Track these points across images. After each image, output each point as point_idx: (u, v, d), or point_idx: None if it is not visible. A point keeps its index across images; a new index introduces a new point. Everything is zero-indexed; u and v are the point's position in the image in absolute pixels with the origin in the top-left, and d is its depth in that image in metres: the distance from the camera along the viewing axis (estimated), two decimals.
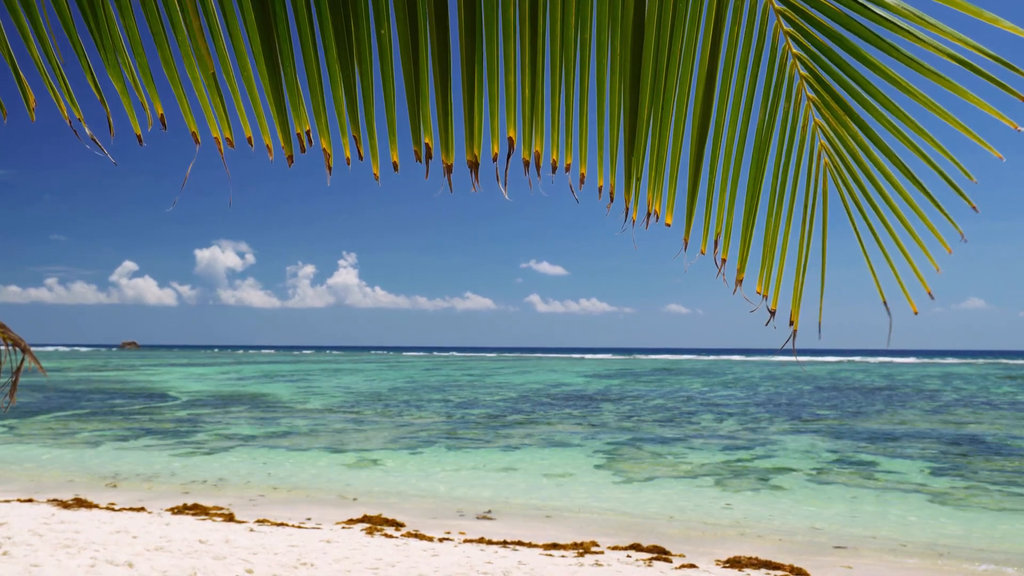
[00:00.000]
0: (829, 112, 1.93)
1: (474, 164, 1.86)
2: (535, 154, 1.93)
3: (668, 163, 2.01)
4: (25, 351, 2.38)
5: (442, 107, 1.82)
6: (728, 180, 2.05)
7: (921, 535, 9.53)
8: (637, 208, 2.02)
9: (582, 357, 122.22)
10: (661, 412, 25.23)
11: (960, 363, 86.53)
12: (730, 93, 1.96)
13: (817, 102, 1.94)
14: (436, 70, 1.78)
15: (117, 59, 1.85)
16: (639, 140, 1.95)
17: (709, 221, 2.07)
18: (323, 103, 1.84)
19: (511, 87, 1.84)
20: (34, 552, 7.26)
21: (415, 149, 1.84)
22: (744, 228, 2.07)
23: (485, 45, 1.78)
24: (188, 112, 1.88)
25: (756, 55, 1.91)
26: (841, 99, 1.89)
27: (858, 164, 1.94)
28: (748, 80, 1.95)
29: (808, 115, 1.97)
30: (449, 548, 8.36)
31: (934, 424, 21.71)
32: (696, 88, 1.93)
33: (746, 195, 2.05)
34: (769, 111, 1.98)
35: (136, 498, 11.35)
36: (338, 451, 16.39)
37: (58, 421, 21.97)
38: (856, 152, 1.93)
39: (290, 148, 1.87)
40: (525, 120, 1.89)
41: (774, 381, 44.50)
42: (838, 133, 1.94)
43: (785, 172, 2.04)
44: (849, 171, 1.97)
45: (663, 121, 1.95)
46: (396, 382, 43.65)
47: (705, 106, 1.95)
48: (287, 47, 1.78)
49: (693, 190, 2.03)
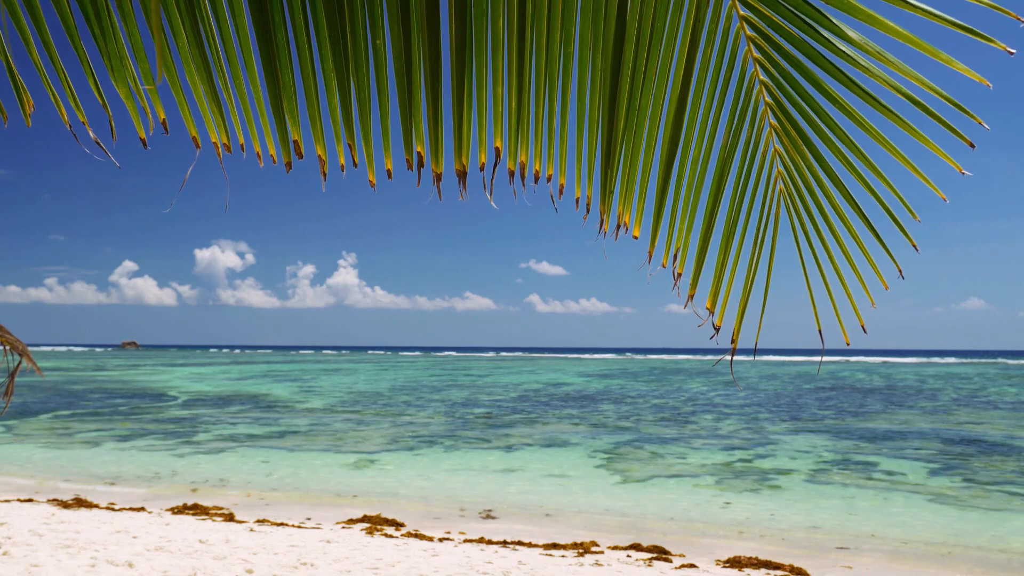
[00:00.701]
0: (788, 140, 2.00)
1: (462, 173, 1.91)
2: (520, 164, 1.99)
3: (639, 178, 2.09)
4: (23, 354, 2.37)
5: (432, 117, 1.86)
6: (691, 198, 2.13)
7: (921, 535, 9.53)
8: (609, 220, 2.11)
9: (582, 357, 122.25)
10: (661, 412, 25.23)
11: (960, 363, 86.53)
12: (699, 113, 2.03)
13: (779, 129, 2.01)
14: (428, 81, 1.82)
15: (122, 66, 1.88)
16: (614, 155, 2.03)
17: (671, 236, 2.15)
18: (319, 111, 1.88)
19: (499, 99, 1.90)
20: (34, 552, 7.26)
21: (407, 158, 1.90)
22: (700, 245, 2.15)
23: (475, 57, 1.83)
24: (189, 117, 1.92)
25: (726, 78, 1.98)
26: (800, 128, 1.96)
27: (810, 194, 2.02)
28: (716, 101, 2.02)
29: (769, 141, 2.04)
30: (449, 548, 8.35)
31: (934, 424, 21.71)
32: (668, 106, 2.00)
33: (705, 213, 2.13)
34: (733, 133, 2.05)
35: (136, 498, 11.35)
36: (338, 451, 16.39)
37: (58, 421, 21.96)
38: (809, 182, 2.01)
39: (288, 155, 1.91)
40: (511, 131, 1.95)
41: (774, 381, 44.50)
42: (795, 162, 2.02)
43: (743, 195, 2.11)
44: (801, 200, 2.05)
45: (636, 137, 2.03)
46: (396, 382, 43.65)
47: (676, 125, 2.03)
48: (285, 55, 1.82)
49: (660, 205, 2.12)
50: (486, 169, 1.93)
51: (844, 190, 1.96)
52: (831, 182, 1.98)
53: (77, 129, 1.92)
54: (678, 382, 44.11)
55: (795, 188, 2.04)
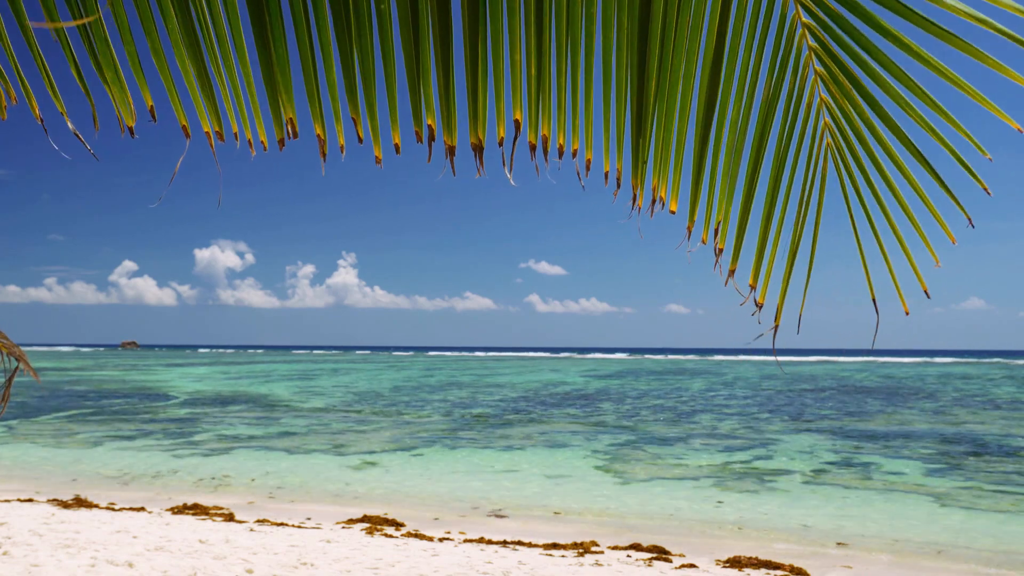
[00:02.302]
0: (836, 87, 1.79)
1: (478, 147, 1.76)
2: (542, 138, 1.82)
3: (674, 147, 1.90)
4: (20, 359, 2.37)
5: (444, 86, 1.72)
6: (731, 165, 1.92)
7: (921, 535, 9.53)
8: (642, 194, 1.91)
9: (582, 357, 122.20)
10: (661, 412, 25.22)
11: (960, 363, 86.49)
12: (736, 68, 1.84)
13: (825, 76, 1.81)
14: (438, 47, 1.69)
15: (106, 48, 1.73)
16: (646, 121, 1.84)
17: (711, 209, 1.95)
18: (317, 86, 1.73)
19: (517, 66, 1.74)
20: (34, 552, 7.26)
21: (416, 130, 1.74)
22: (740, 216, 1.95)
23: (490, 21, 1.68)
24: (177, 103, 1.78)
25: (764, 25, 1.79)
26: (850, 72, 1.75)
27: (863, 145, 1.80)
28: (756, 52, 1.82)
29: (814, 91, 1.84)
30: (449, 548, 8.35)
31: (934, 424, 21.71)
32: (703, 64, 1.82)
33: (745, 179, 1.93)
34: (774, 86, 1.85)
35: (136, 498, 11.35)
36: (338, 451, 16.39)
37: (58, 421, 21.96)
38: (861, 132, 1.79)
39: (281, 132, 1.77)
40: (531, 101, 1.78)
41: (774, 381, 44.50)
42: (844, 110, 1.80)
43: (784, 155, 1.91)
44: (852, 153, 1.83)
45: (670, 101, 1.85)
46: (396, 382, 43.65)
47: (712, 84, 1.84)
48: (279, 25, 1.68)
49: (698, 175, 1.92)
50: (505, 144, 1.76)
51: (903, 135, 1.73)
52: (888, 128, 1.74)
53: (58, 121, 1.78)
54: (678, 382, 44.11)
55: (844, 140, 1.83)
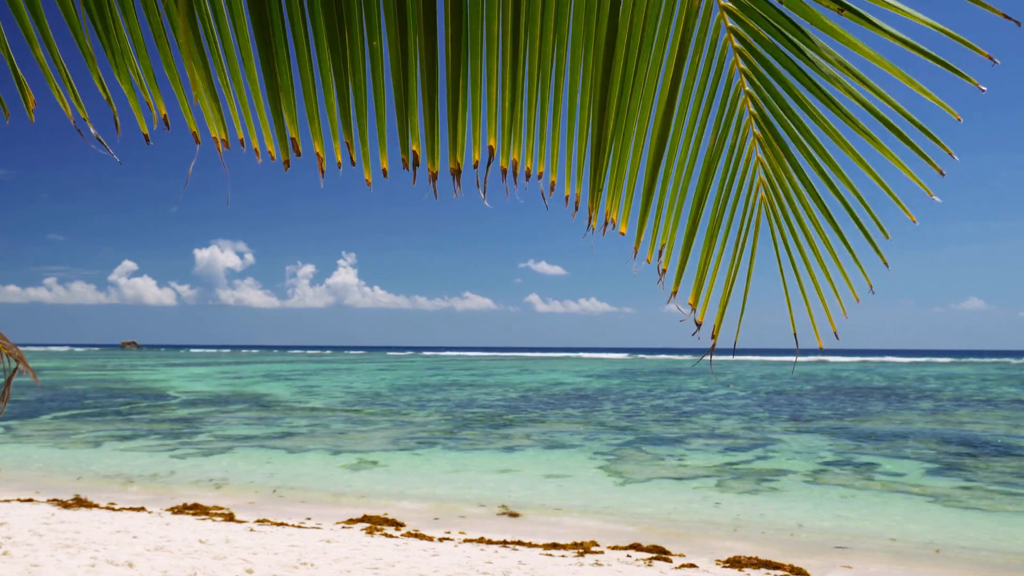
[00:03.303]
0: (770, 150, 2.07)
1: (456, 171, 1.96)
2: (512, 162, 2.04)
3: (627, 177, 2.15)
4: (19, 359, 2.38)
5: (429, 117, 1.91)
6: (676, 198, 2.20)
7: (921, 535, 9.54)
8: (597, 217, 2.17)
9: (582, 357, 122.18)
10: (661, 412, 25.24)
11: (960, 363, 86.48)
12: (686, 118, 2.09)
13: (761, 139, 2.08)
14: (424, 81, 1.87)
15: (124, 62, 1.92)
16: (603, 154, 2.09)
17: (657, 233, 2.22)
18: (317, 109, 1.92)
19: (493, 99, 1.94)
20: (34, 552, 7.27)
21: (403, 157, 1.93)
22: (684, 244, 2.23)
23: (470, 59, 1.88)
24: (189, 114, 1.96)
25: (713, 85, 2.04)
26: (782, 140, 2.03)
27: (789, 203, 2.11)
28: (703, 107, 2.08)
29: (752, 150, 2.12)
30: (449, 548, 8.37)
31: (934, 424, 21.72)
32: (657, 110, 2.06)
33: (689, 214, 2.21)
34: (719, 139, 2.11)
35: (136, 498, 11.36)
36: (338, 451, 16.40)
37: (58, 421, 21.98)
38: (788, 192, 2.10)
39: (287, 152, 1.95)
40: (504, 130, 1.99)
41: (774, 381, 44.51)
42: (775, 172, 2.09)
43: (726, 197, 2.19)
44: (780, 208, 2.13)
45: (625, 137, 2.09)
46: (396, 382, 43.66)
47: (663, 127, 2.09)
48: (283, 54, 1.85)
49: (646, 204, 2.19)
50: (480, 167, 1.98)
51: (820, 202, 2.06)
52: (808, 194, 2.07)
53: (82, 126, 1.96)
54: (678, 382, 44.12)
55: (775, 196, 2.13)
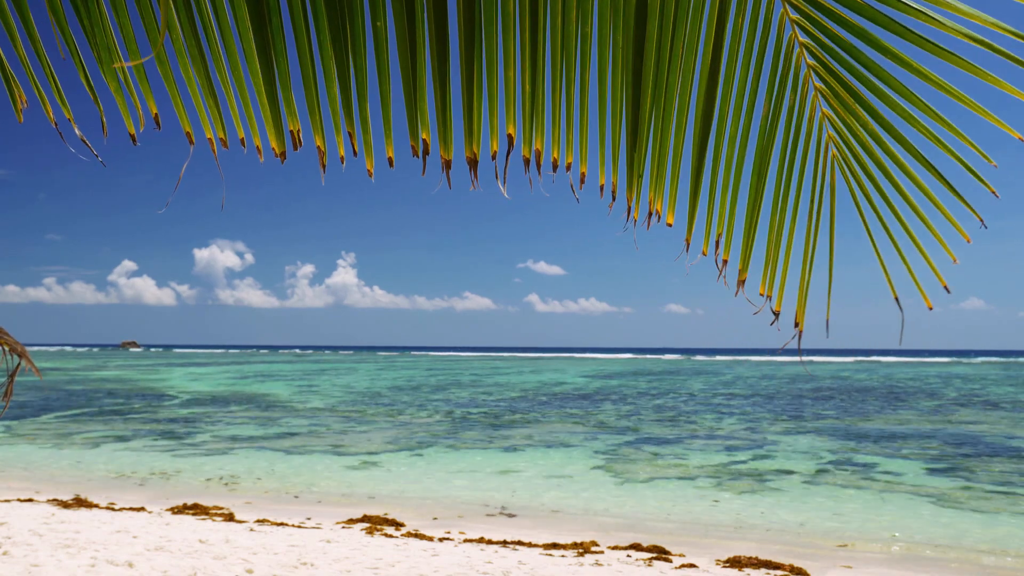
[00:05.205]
0: (838, 102, 1.84)
1: (473, 161, 1.80)
2: (535, 152, 1.86)
3: (670, 160, 1.93)
4: (22, 355, 2.37)
5: (440, 102, 1.76)
6: (731, 177, 1.97)
7: (921, 535, 9.53)
8: (639, 208, 1.95)
9: (582, 357, 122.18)
10: (661, 412, 25.22)
11: (960, 363, 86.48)
12: (734, 85, 1.88)
13: (825, 92, 1.85)
14: (434, 64, 1.73)
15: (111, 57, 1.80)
16: (641, 136, 1.88)
17: (711, 221, 1.99)
18: (318, 100, 1.79)
19: (511, 82, 1.78)
20: (34, 552, 7.26)
21: (412, 145, 1.78)
22: (747, 227, 2.00)
23: (484, 39, 1.73)
24: (183, 112, 1.84)
25: (761, 45, 1.83)
26: (851, 87, 1.80)
27: (869, 155, 1.85)
28: (752, 70, 1.87)
29: (815, 105, 1.89)
30: (449, 548, 8.35)
31: (934, 424, 21.71)
32: (699, 81, 1.86)
33: (749, 192, 1.98)
34: (774, 103, 1.90)
35: (136, 498, 11.34)
36: (338, 451, 16.39)
37: (58, 421, 21.96)
38: (867, 142, 1.84)
39: (283, 145, 1.83)
40: (525, 117, 1.82)
41: (774, 381, 44.50)
42: (847, 123, 1.85)
43: (791, 167, 1.96)
44: (859, 162, 1.88)
45: (666, 116, 1.88)
46: (396, 382, 43.65)
47: (708, 99, 1.88)
48: (280, 40, 1.74)
49: (695, 188, 1.96)
50: (498, 157, 1.80)
51: (909, 145, 1.79)
52: (893, 139, 1.80)
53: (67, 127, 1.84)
54: (678, 382, 44.11)
55: (850, 151, 1.88)
